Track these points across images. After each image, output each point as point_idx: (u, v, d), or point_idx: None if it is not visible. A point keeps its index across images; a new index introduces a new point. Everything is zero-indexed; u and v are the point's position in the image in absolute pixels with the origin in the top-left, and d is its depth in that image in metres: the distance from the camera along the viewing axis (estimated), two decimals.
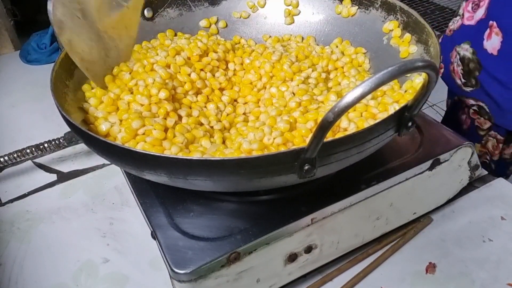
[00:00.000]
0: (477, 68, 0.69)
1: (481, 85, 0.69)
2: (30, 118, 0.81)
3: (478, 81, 0.70)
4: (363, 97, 0.31)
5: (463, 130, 0.78)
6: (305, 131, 0.45)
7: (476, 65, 0.69)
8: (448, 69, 0.76)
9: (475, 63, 0.69)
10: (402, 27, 0.56)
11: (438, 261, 0.52)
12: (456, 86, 0.75)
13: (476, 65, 0.69)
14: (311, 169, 0.36)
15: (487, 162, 0.77)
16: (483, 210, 0.57)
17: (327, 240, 0.49)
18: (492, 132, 0.73)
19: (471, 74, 0.70)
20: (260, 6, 0.66)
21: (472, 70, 0.70)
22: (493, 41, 0.65)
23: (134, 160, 0.38)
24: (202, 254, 0.42)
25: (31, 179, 0.67)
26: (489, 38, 0.66)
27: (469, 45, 0.70)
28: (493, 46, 0.65)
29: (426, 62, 0.33)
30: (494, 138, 0.73)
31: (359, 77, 0.55)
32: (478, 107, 0.72)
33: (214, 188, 0.42)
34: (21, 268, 0.54)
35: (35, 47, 0.98)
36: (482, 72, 0.69)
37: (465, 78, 0.72)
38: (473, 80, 0.71)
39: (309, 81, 0.55)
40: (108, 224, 0.59)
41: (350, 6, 0.61)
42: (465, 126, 0.78)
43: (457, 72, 0.73)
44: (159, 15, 0.64)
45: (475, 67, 0.69)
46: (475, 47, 0.69)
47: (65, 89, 0.49)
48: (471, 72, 0.70)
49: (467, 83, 0.72)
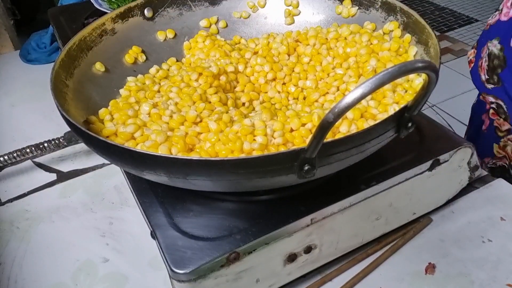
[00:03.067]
0: (501, 66, 0.68)
1: (502, 83, 0.68)
2: (30, 118, 0.81)
3: (500, 79, 0.68)
4: (363, 97, 0.31)
5: (482, 132, 0.77)
6: (305, 132, 0.45)
7: (501, 62, 0.67)
8: (477, 64, 0.74)
9: (500, 60, 0.67)
10: (402, 28, 0.56)
11: (437, 262, 0.52)
12: (480, 81, 0.73)
13: (501, 62, 0.67)
14: (310, 170, 0.36)
15: (506, 166, 0.75)
16: (483, 210, 0.57)
17: (327, 240, 0.49)
18: (511, 136, 0.72)
19: (495, 70, 0.69)
20: (261, 6, 0.66)
21: (496, 67, 0.69)
22: None
23: (133, 160, 0.38)
24: (201, 254, 0.42)
25: (31, 179, 0.67)
26: None
27: (498, 41, 0.68)
28: None
29: (426, 63, 0.33)
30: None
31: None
32: (497, 105, 0.70)
33: (214, 188, 0.42)
34: (20, 267, 0.54)
35: (35, 47, 0.98)
36: (505, 70, 0.67)
37: (488, 75, 0.71)
38: (495, 77, 0.69)
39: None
40: (108, 224, 0.59)
41: (350, 6, 0.61)
42: (484, 127, 0.77)
43: (483, 68, 0.72)
44: (159, 15, 0.64)
45: (499, 64, 0.68)
46: (503, 43, 0.67)
47: (65, 89, 0.49)
48: (494, 69, 0.69)
49: (490, 80, 0.70)
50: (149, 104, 0.50)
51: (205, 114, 0.49)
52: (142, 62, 0.61)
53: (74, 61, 0.53)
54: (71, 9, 0.94)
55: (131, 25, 0.61)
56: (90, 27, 0.56)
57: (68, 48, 0.52)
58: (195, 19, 0.65)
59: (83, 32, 0.55)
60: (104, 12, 0.79)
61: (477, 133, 0.80)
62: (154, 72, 0.59)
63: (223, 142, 0.43)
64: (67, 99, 0.48)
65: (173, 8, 0.64)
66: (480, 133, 0.78)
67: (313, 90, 0.56)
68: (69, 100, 0.49)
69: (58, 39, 0.89)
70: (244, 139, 0.44)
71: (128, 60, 0.60)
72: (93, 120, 0.49)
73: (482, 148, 0.76)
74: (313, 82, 0.57)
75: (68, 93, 0.49)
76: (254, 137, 0.44)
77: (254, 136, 0.44)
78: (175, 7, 0.64)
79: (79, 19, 0.88)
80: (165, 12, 0.64)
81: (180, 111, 0.50)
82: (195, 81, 0.54)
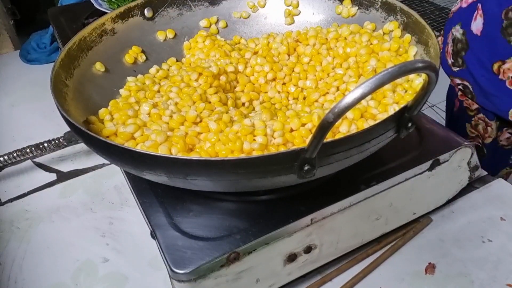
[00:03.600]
0: (464, 48, 0.72)
1: (466, 65, 0.72)
2: (30, 118, 0.81)
3: (464, 61, 0.73)
4: (363, 97, 0.31)
5: (454, 114, 0.81)
6: (305, 132, 0.45)
7: (464, 45, 0.72)
8: (444, 50, 0.79)
9: (463, 43, 0.72)
10: (402, 28, 0.56)
11: (437, 262, 0.52)
12: (447, 65, 0.77)
13: (464, 45, 0.72)
14: (310, 170, 0.36)
15: (479, 145, 0.78)
16: (483, 210, 0.57)
17: (327, 240, 0.49)
18: (481, 115, 0.75)
19: (459, 54, 0.73)
20: (260, 6, 0.66)
21: (459, 50, 0.73)
22: (478, 22, 0.68)
23: (133, 160, 0.38)
24: (201, 254, 0.42)
25: (31, 179, 0.67)
26: (475, 19, 0.69)
27: (460, 26, 0.73)
28: (477, 27, 0.69)
29: (426, 63, 0.33)
30: (483, 121, 0.75)
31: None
32: (463, 86, 0.74)
33: (214, 188, 0.42)
34: (20, 267, 0.54)
35: (35, 47, 0.98)
36: (468, 53, 0.72)
37: (453, 58, 0.75)
38: (460, 60, 0.73)
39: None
40: (108, 224, 0.59)
41: (350, 6, 0.61)
42: (455, 109, 0.81)
43: (449, 52, 0.76)
44: (159, 15, 0.63)
45: (462, 47, 0.73)
46: (465, 28, 0.72)
47: (65, 89, 0.49)
48: (458, 52, 0.73)
49: (455, 63, 0.75)
50: (149, 104, 0.50)
51: (205, 114, 0.49)
52: (142, 62, 0.61)
53: (74, 61, 0.53)
54: (71, 9, 0.94)
55: (131, 25, 0.61)
56: (90, 27, 0.56)
57: (68, 48, 0.52)
58: (195, 19, 0.65)
59: (83, 32, 0.55)
60: (104, 12, 0.79)
61: (450, 118, 0.85)
62: (154, 72, 0.59)
63: (223, 142, 0.43)
64: (67, 99, 0.48)
65: (173, 8, 0.64)
66: (452, 117, 0.82)
67: (313, 90, 0.56)
68: (69, 100, 0.49)
69: (58, 39, 0.89)
70: (244, 139, 0.44)
71: (128, 60, 0.60)
72: (93, 120, 0.49)
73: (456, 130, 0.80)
74: (313, 82, 0.56)
75: (68, 93, 0.49)
76: (254, 137, 0.44)
77: (254, 136, 0.44)
78: (175, 7, 0.64)
79: (79, 19, 0.88)
80: (165, 12, 0.64)
81: (180, 111, 0.50)
82: (195, 81, 0.54)
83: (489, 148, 0.78)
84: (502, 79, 0.67)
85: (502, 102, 0.69)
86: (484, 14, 0.67)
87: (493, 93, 0.69)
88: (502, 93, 0.68)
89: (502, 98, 0.68)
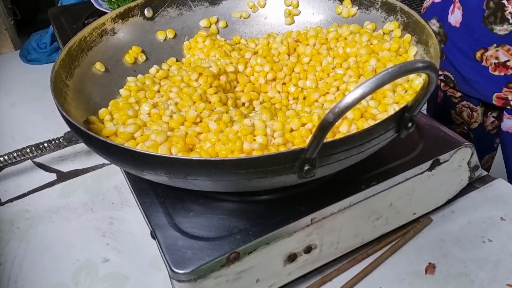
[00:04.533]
0: (442, 41, 0.77)
1: (446, 56, 0.77)
2: (30, 118, 0.81)
3: (443, 53, 0.77)
4: (363, 97, 0.31)
5: (438, 104, 0.85)
6: (305, 132, 0.45)
7: (442, 38, 0.77)
8: None
9: (442, 36, 0.77)
10: (402, 28, 0.56)
11: (437, 262, 0.52)
12: None
13: (442, 37, 0.77)
14: (311, 170, 0.36)
15: (465, 132, 0.82)
16: (483, 210, 0.57)
17: (327, 240, 0.49)
18: (465, 102, 0.79)
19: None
20: (260, 6, 0.66)
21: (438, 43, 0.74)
22: (456, 14, 0.72)
23: (133, 160, 0.38)
24: (201, 254, 0.42)
25: (31, 179, 0.67)
26: (452, 12, 0.73)
27: (436, 20, 0.77)
28: (455, 19, 0.73)
29: (426, 63, 0.33)
30: (468, 108, 0.79)
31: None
32: (444, 76, 0.79)
33: (214, 188, 0.42)
34: (20, 267, 0.54)
35: (35, 47, 0.98)
36: (447, 44, 0.76)
37: None
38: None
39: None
40: (108, 224, 0.59)
41: (350, 6, 0.61)
42: (439, 100, 0.84)
43: None
44: (159, 15, 0.63)
45: (441, 40, 0.77)
46: (442, 21, 0.76)
47: (65, 89, 0.49)
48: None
49: None
50: (149, 104, 0.50)
51: (205, 114, 0.49)
52: (142, 62, 0.61)
53: (74, 61, 0.53)
54: (71, 9, 0.94)
55: (131, 25, 0.61)
56: (90, 27, 0.56)
57: (68, 48, 0.52)
58: (195, 19, 0.65)
59: (83, 32, 0.55)
60: (104, 12, 0.79)
61: (434, 108, 0.87)
62: (154, 72, 0.59)
63: (223, 142, 0.43)
64: (67, 99, 0.48)
65: (173, 8, 0.64)
66: (437, 107, 0.86)
67: (313, 90, 0.56)
68: (69, 100, 0.49)
69: (58, 39, 0.89)
70: (244, 139, 0.44)
71: (128, 60, 0.60)
72: (93, 120, 0.49)
73: (441, 119, 0.85)
74: (313, 82, 0.56)
75: (68, 93, 0.49)
76: (254, 137, 0.44)
77: (254, 136, 0.44)
78: (175, 7, 0.64)
79: (80, 19, 0.88)
80: (165, 12, 0.64)
81: (180, 111, 0.50)
82: (195, 81, 0.54)
83: (476, 134, 0.81)
84: (485, 65, 0.71)
85: (485, 87, 0.73)
86: (462, 7, 0.71)
87: (476, 79, 0.73)
88: (486, 78, 0.72)
89: (485, 84, 0.73)
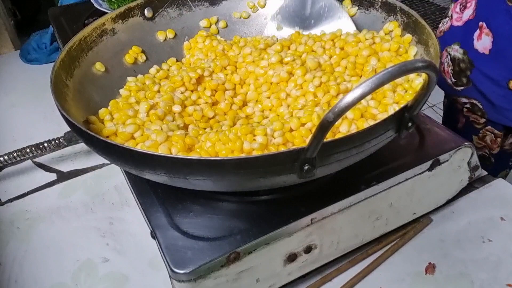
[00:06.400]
0: (468, 68, 0.71)
1: (473, 84, 0.72)
2: (30, 118, 0.81)
3: (469, 80, 0.72)
4: (363, 97, 0.31)
5: (459, 129, 0.80)
6: (305, 131, 0.45)
7: (468, 65, 0.71)
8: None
9: (467, 62, 0.71)
10: (402, 28, 0.56)
11: (437, 262, 0.52)
12: (447, 85, 0.77)
13: (468, 64, 0.71)
14: (311, 169, 0.36)
15: (486, 155, 0.79)
16: (483, 210, 0.57)
17: (327, 240, 0.49)
18: (489, 127, 0.75)
19: (462, 73, 0.73)
20: (260, 6, 0.66)
21: (463, 70, 0.72)
22: (484, 41, 0.68)
23: (134, 160, 0.38)
24: (201, 254, 0.42)
25: (31, 179, 0.67)
26: (479, 38, 0.68)
27: (458, 46, 0.73)
28: (484, 46, 0.68)
29: (426, 62, 0.33)
30: (492, 133, 0.76)
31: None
32: (471, 104, 0.74)
33: (214, 188, 0.42)
34: (20, 267, 0.54)
35: (35, 47, 0.98)
36: (473, 71, 0.71)
37: (455, 78, 0.74)
38: (464, 79, 0.73)
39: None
40: (108, 224, 0.59)
41: (350, 6, 0.61)
42: (460, 125, 0.80)
43: (448, 72, 0.75)
44: (159, 15, 0.64)
45: (466, 67, 0.72)
46: (466, 47, 0.71)
47: (65, 89, 0.49)
48: (462, 72, 0.73)
49: (458, 82, 0.74)
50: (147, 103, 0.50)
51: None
52: (142, 62, 0.61)
53: (74, 61, 0.53)
54: (71, 9, 0.94)
55: (131, 25, 0.61)
56: (90, 27, 0.56)
57: (68, 48, 0.52)
58: (195, 19, 0.65)
59: (83, 32, 0.55)
60: (104, 12, 0.79)
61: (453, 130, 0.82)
62: (154, 72, 0.59)
63: (223, 141, 0.43)
64: (67, 99, 0.48)
65: (173, 8, 0.64)
66: (456, 130, 0.80)
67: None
68: (69, 100, 0.49)
69: (58, 39, 0.89)
70: (244, 138, 0.44)
71: (128, 60, 0.60)
72: (93, 120, 0.49)
73: None
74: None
75: (68, 93, 0.49)
76: (254, 137, 0.44)
77: (254, 135, 0.44)
78: (175, 7, 0.64)
79: (80, 19, 0.88)
80: (165, 12, 0.64)
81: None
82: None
83: (495, 156, 0.78)
84: None
85: None
86: (492, 33, 0.66)
87: (508, 107, 0.70)
88: None
89: None
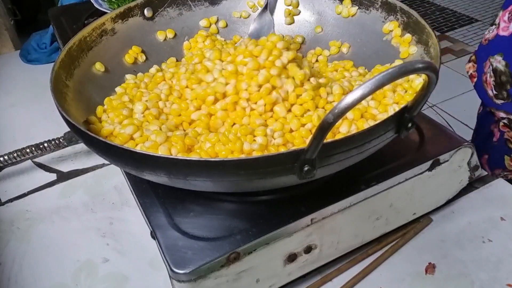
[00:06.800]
0: (509, 82, 0.67)
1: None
2: (30, 118, 0.81)
3: (509, 95, 0.67)
4: (363, 98, 0.31)
5: (492, 143, 0.76)
6: (305, 132, 0.45)
7: (509, 78, 0.66)
8: (481, 79, 0.73)
9: (507, 76, 0.66)
10: (402, 28, 0.56)
11: (437, 262, 0.52)
12: (487, 97, 0.72)
13: (509, 78, 0.66)
14: (311, 170, 0.36)
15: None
16: (483, 210, 0.57)
17: (327, 241, 0.49)
18: None
19: (503, 86, 0.68)
20: (260, 6, 0.66)
21: (504, 83, 0.67)
22: None
23: (133, 161, 0.38)
24: (201, 254, 0.42)
25: (31, 179, 0.67)
26: None
27: (501, 57, 0.68)
28: None
29: (426, 63, 0.33)
30: None
31: None
32: (509, 120, 0.69)
33: (214, 188, 0.42)
34: (20, 267, 0.54)
35: (35, 47, 0.98)
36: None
37: (496, 90, 0.70)
38: (504, 93, 0.68)
39: None
40: (108, 224, 0.59)
41: (350, 6, 0.61)
42: (494, 139, 0.76)
43: (489, 83, 0.71)
44: (159, 15, 0.64)
45: (507, 80, 0.67)
46: (508, 60, 0.66)
47: (65, 89, 0.49)
48: (503, 85, 0.68)
49: (498, 95, 0.70)
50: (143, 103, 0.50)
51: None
52: (142, 62, 0.61)
53: (74, 61, 0.53)
54: (71, 9, 0.94)
55: (131, 25, 0.61)
56: (90, 27, 0.56)
57: (68, 48, 0.52)
58: (195, 19, 0.65)
59: (83, 32, 0.55)
60: (104, 12, 0.79)
61: (485, 143, 0.79)
62: (154, 72, 0.59)
63: (223, 142, 0.43)
64: (67, 99, 0.48)
65: (173, 8, 0.64)
66: (489, 144, 0.77)
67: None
68: (69, 100, 0.49)
69: (58, 39, 0.89)
70: (244, 139, 0.44)
71: (128, 60, 0.60)
72: (93, 120, 0.49)
73: (492, 159, 0.76)
74: None
75: (68, 93, 0.49)
76: (254, 138, 0.44)
77: (254, 136, 0.44)
78: (175, 7, 0.64)
79: (80, 19, 0.88)
80: (165, 12, 0.64)
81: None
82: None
83: None
84: None
85: None
86: None
87: None
88: None
89: None
